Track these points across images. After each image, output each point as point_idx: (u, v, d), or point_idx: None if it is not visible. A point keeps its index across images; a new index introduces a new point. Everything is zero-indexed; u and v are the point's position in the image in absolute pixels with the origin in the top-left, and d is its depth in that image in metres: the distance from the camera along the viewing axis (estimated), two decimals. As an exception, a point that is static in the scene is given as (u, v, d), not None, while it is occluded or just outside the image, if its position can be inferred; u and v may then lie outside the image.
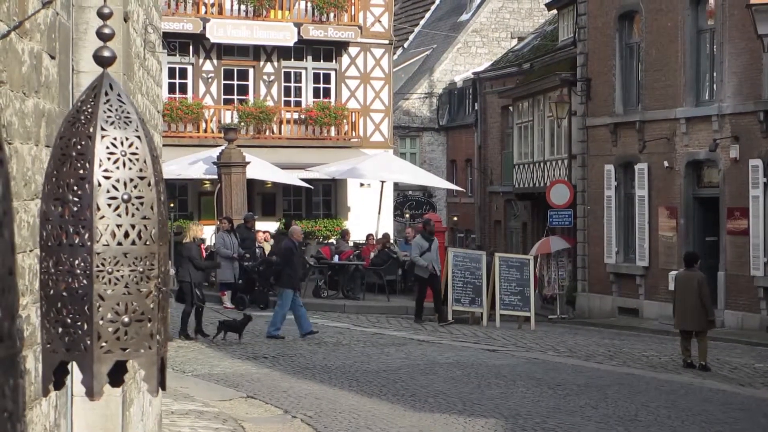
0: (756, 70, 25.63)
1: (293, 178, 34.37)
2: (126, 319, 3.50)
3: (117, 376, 3.57)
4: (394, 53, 45.95)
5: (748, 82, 25.95)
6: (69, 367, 3.57)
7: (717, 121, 26.81)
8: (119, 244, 3.53)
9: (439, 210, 48.76)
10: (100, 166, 3.55)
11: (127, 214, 3.55)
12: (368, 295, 29.14)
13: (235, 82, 37.66)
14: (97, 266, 3.49)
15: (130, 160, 3.59)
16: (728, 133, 26.50)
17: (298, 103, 38.16)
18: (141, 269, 3.54)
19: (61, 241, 3.52)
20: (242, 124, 36.24)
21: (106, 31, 3.80)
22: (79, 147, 3.58)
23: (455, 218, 49.51)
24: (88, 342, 3.46)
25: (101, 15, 3.82)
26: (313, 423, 12.69)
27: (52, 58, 5.51)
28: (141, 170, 3.60)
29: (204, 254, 23.24)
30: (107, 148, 3.58)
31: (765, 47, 23.41)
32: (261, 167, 32.49)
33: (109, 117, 3.63)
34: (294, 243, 21.44)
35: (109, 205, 3.53)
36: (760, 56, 24.86)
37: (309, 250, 32.44)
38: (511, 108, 41.85)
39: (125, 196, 3.54)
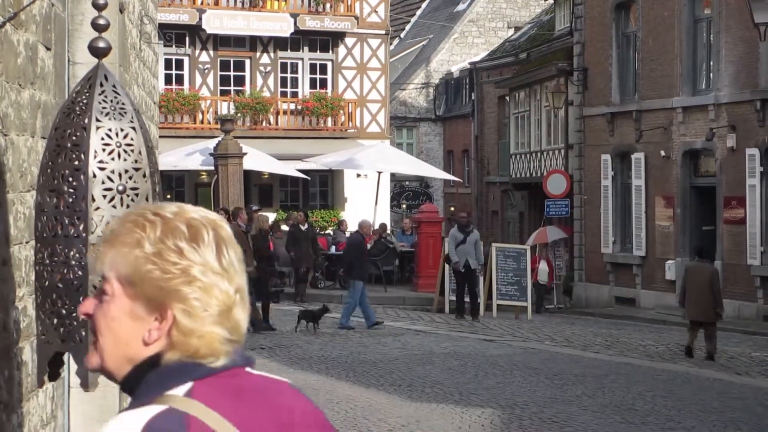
0: (753, 58, 25.63)
1: (290, 168, 34.36)
2: (121, 310, 3.50)
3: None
4: (391, 43, 45.92)
5: (745, 71, 25.95)
6: (64, 358, 3.57)
7: (714, 110, 26.81)
8: (114, 235, 3.53)
9: (436, 200, 48.77)
10: (95, 157, 3.55)
11: (122, 205, 3.54)
12: (365, 285, 29.11)
13: (232, 73, 37.63)
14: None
15: (125, 152, 3.59)
16: (725, 122, 26.50)
17: (294, 94, 38.13)
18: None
19: (56, 232, 3.51)
20: (239, 115, 36.21)
21: (101, 22, 3.80)
22: (74, 138, 3.57)
23: (452, 208, 49.49)
24: (83, 333, 3.46)
25: (96, 6, 3.82)
26: (311, 413, 12.69)
27: (48, 49, 5.51)
28: (136, 161, 3.60)
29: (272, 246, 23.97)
30: (102, 139, 3.58)
31: (762, 36, 23.44)
32: (258, 158, 32.47)
33: (104, 108, 3.62)
34: (363, 236, 22.36)
35: (104, 196, 3.53)
36: (756, 45, 24.86)
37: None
38: (507, 98, 41.85)
39: (120, 188, 3.54)
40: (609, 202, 31.07)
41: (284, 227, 29.91)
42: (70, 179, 3.54)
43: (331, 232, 33.61)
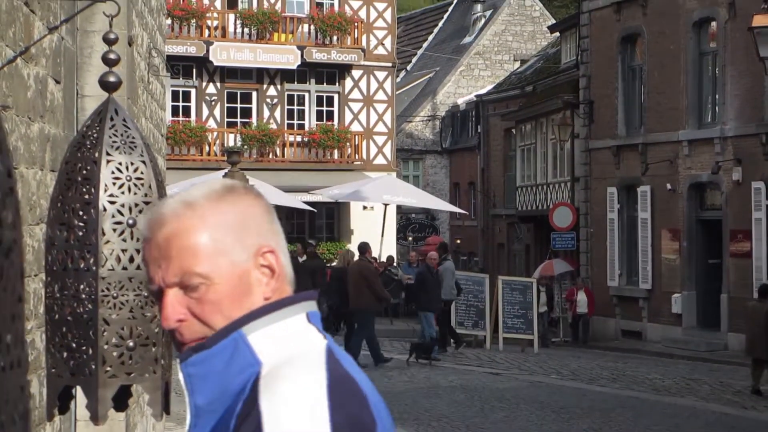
0: (758, 92, 25.67)
1: (296, 201, 34.35)
2: (131, 344, 3.50)
3: (121, 401, 3.56)
4: (397, 76, 46.04)
5: (750, 104, 25.99)
6: (73, 391, 3.57)
7: (719, 143, 26.83)
8: (124, 268, 3.54)
9: (442, 233, 48.76)
10: (106, 191, 3.56)
11: (132, 238, 3.55)
12: (371, 317, 29.02)
13: (239, 105, 37.72)
14: (102, 291, 3.49)
15: (135, 185, 3.60)
16: (731, 155, 26.52)
17: (301, 126, 38.20)
18: (146, 294, 3.54)
19: (67, 266, 3.52)
20: (245, 147, 36.27)
21: (112, 56, 3.82)
22: (84, 172, 3.59)
23: (458, 241, 49.48)
24: (93, 366, 3.46)
25: (107, 40, 3.84)
26: (317, 446, 12.64)
27: (57, 82, 5.54)
28: (146, 195, 3.61)
29: None
30: (112, 173, 3.59)
31: (767, 69, 23.46)
32: (264, 190, 32.38)
33: (114, 142, 3.64)
34: (431, 269, 23.19)
35: (114, 230, 3.54)
36: (762, 78, 24.91)
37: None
38: (513, 130, 41.90)
39: (130, 221, 3.55)
40: (615, 235, 31.05)
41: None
42: (81, 213, 3.55)
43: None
